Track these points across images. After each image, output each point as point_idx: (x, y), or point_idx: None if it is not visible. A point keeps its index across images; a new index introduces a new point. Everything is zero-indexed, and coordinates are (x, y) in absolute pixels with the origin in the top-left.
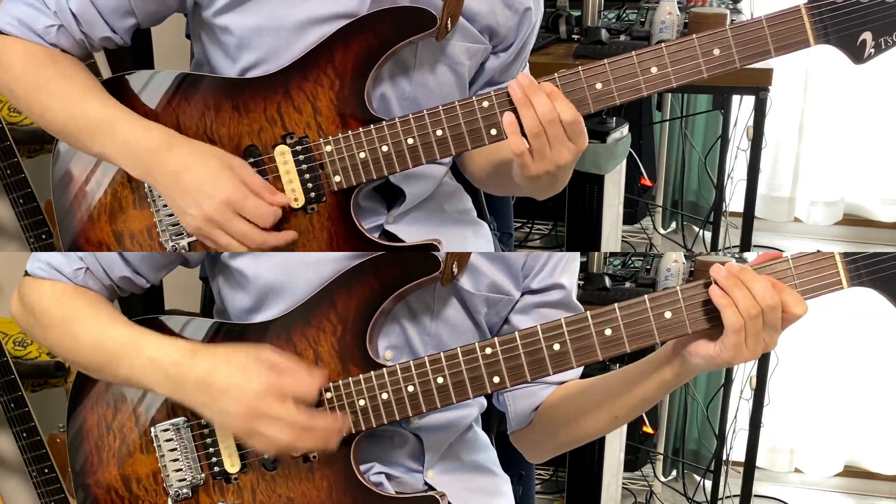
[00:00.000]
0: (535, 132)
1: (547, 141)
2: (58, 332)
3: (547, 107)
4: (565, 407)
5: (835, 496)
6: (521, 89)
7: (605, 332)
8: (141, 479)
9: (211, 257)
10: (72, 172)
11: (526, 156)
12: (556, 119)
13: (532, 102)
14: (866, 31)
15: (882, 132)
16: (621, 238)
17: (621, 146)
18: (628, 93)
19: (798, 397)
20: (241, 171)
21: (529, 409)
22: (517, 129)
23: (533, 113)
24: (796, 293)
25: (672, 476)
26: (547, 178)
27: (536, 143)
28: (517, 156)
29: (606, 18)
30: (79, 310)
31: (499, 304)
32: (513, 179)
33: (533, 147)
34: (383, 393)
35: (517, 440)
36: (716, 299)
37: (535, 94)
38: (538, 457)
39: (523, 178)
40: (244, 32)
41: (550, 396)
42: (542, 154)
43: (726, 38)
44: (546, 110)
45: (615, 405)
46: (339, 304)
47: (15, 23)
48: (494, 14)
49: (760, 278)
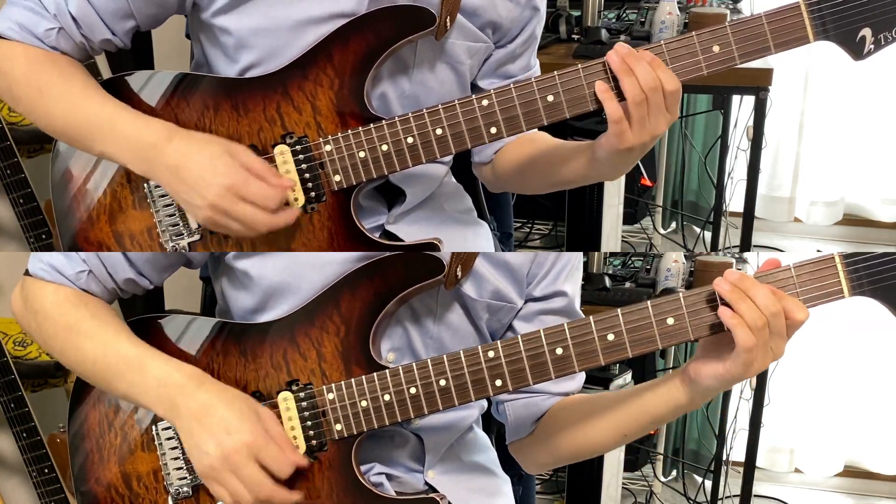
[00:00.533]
0: (638, 100)
1: (647, 110)
2: (60, 341)
3: (650, 74)
4: (571, 418)
5: (835, 496)
6: (621, 57)
7: (608, 337)
8: (142, 477)
9: (214, 258)
10: (71, 171)
11: (624, 123)
12: (659, 87)
13: (634, 70)
14: (866, 27)
15: (882, 132)
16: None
17: None
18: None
19: (798, 397)
20: (242, 155)
21: (531, 420)
22: (613, 97)
23: (635, 80)
24: (796, 299)
25: (672, 476)
26: (639, 150)
27: (638, 112)
28: (615, 123)
29: (606, 18)
30: (82, 321)
31: (500, 311)
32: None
33: (633, 116)
34: (385, 394)
35: (516, 450)
36: (726, 321)
37: (636, 62)
38: (537, 468)
39: (616, 150)
40: (243, 33)
41: (555, 407)
42: (641, 123)
43: (726, 34)
44: (649, 77)
45: (623, 421)
46: (342, 306)
47: (15, 27)
48: (495, 8)
49: (761, 287)
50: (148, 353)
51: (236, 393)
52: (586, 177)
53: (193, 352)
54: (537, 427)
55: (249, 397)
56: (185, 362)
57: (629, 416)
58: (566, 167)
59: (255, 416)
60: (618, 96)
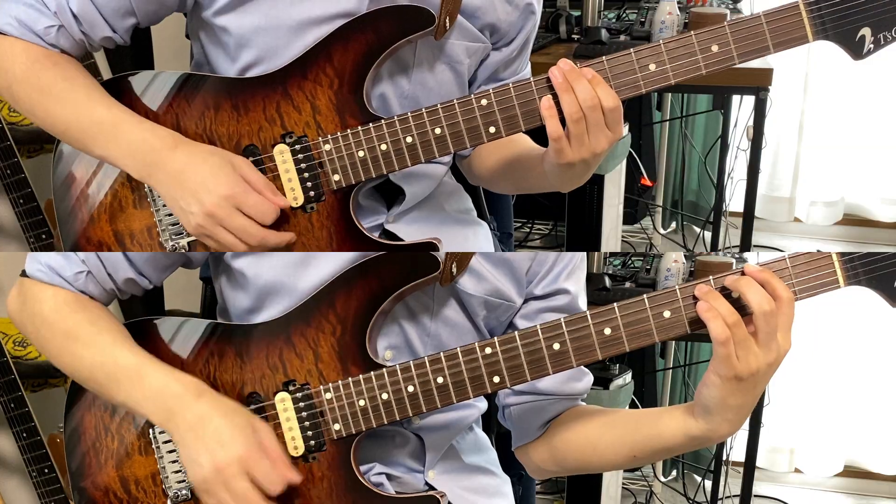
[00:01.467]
0: (575, 118)
1: (586, 127)
2: (57, 346)
3: (589, 93)
4: (581, 429)
5: (835, 496)
6: (562, 74)
7: (605, 332)
8: (140, 480)
9: (214, 257)
10: (74, 174)
11: (563, 141)
12: (598, 105)
13: (573, 88)
14: (865, 27)
15: (882, 132)
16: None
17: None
18: (627, 90)
19: (798, 397)
20: (243, 168)
21: (538, 423)
22: (555, 114)
23: (574, 98)
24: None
25: (672, 476)
26: (581, 167)
27: (576, 129)
28: (554, 141)
29: (606, 18)
30: (80, 326)
31: (498, 309)
32: (528, 174)
33: (571, 133)
34: (383, 393)
35: (522, 455)
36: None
37: (576, 79)
38: (541, 474)
39: (557, 165)
40: (243, 32)
41: (566, 415)
42: (580, 140)
43: (725, 34)
44: (588, 96)
45: (638, 444)
46: (338, 305)
47: (14, 23)
48: (494, 10)
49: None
50: (146, 361)
51: (234, 406)
52: (545, 185)
53: (188, 354)
54: (545, 432)
55: (247, 410)
56: (183, 371)
57: (642, 436)
58: (530, 174)
59: (251, 429)
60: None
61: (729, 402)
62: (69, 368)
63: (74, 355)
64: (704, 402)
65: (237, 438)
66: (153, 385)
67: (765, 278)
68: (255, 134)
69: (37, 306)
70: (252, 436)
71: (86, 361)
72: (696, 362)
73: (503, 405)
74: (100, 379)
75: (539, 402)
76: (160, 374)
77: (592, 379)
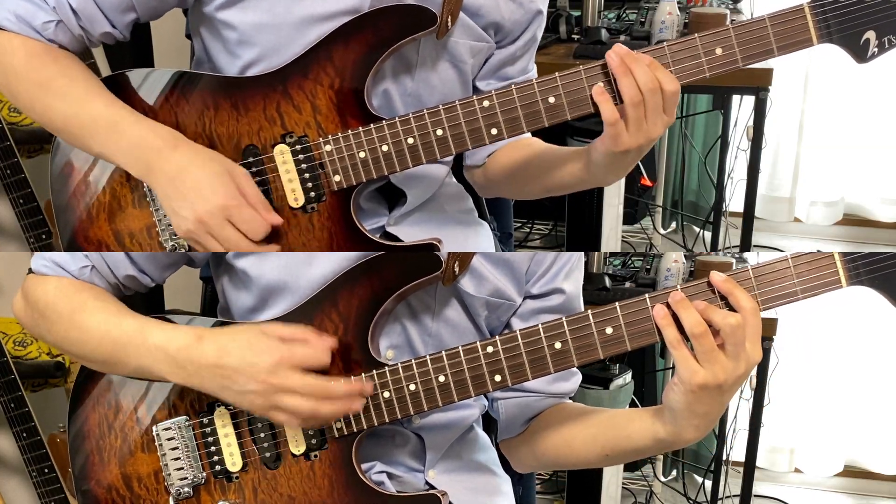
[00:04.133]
0: (636, 101)
1: (644, 111)
2: (64, 325)
3: (649, 75)
4: (558, 425)
5: (835, 496)
6: (619, 58)
7: (606, 331)
8: (142, 478)
9: (216, 257)
10: (73, 164)
11: (620, 125)
12: (658, 88)
13: (632, 71)
14: (870, 30)
15: (882, 132)
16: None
17: None
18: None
19: (798, 397)
20: (241, 180)
21: (522, 420)
22: (609, 98)
23: (633, 81)
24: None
25: (672, 476)
26: (634, 153)
27: (635, 113)
28: (611, 125)
29: (606, 18)
30: (86, 302)
31: (499, 308)
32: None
33: (630, 117)
34: (385, 391)
35: (506, 448)
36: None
37: (634, 62)
38: (523, 468)
39: (611, 154)
40: (245, 28)
41: (547, 412)
42: (638, 125)
43: (729, 37)
44: (648, 78)
45: (609, 443)
46: (340, 304)
47: (12, 18)
48: (498, 8)
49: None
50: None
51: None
52: (582, 181)
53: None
54: (527, 428)
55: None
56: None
57: (612, 436)
58: (562, 171)
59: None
60: (614, 98)
61: (695, 408)
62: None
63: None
64: (671, 406)
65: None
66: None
67: (728, 290)
68: (255, 134)
69: (39, 292)
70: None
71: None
72: None
73: (491, 398)
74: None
75: (525, 399)
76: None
77: (580, 379)
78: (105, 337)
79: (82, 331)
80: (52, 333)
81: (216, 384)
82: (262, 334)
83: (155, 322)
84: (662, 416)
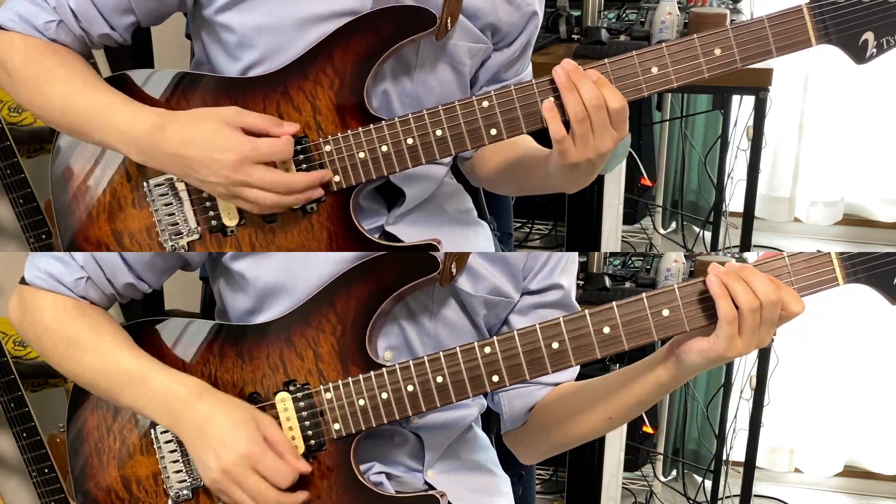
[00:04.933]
0: (580, 117)
1: (591, 127)
2: (60, 354)
3: (594, 92)
4: (560, 407)
5: (835, 496)
6: (566, 74)
7: (604, 331)
8: (141, 480)
9: (212, 259)
10: (72, 168)
11: (567, 142)
12: (603, 105)
13: (578, 87)
14: (868, 31)
15: (882, 132)
16: (621, 238)
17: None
18: (629, 92)
19: (798, 397)
20: (266, 427)
21: (524, 410)
22: (558, 115)
23: (578, 98)
24: (794, 291)
25: (672, 476)
26: (585, 167)
27: (580, 129)
28: (557, 142)
29: (606, 18)
30: (81, 333)
31: (498, 305)
32: (532, 175)
33: (576, 133)
34: (383, 392)
35: (510, 440)
36: (712, 289)
37: (580, 79)
38: (531, 457)
39: (561, 166)
40: (245, 30)
41: (546, 397)
42: (584, 140)
43: (728, 37)
44: (592, 95)
45: (610, 406)
46: (338, 305)
47: (15, 18)
48: (496, 11)
49: (761, 275)
50: (148, 364)
51: (235, 402)
52: (548, 187)
53: (191, 356)
54: (529, 417)
55: (248, 405)
56: (184, 372)
57: (616, 400)
58: (533, 175)
59: (254, 423)
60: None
61: None
62: (72, 374)
63: (77, 361)
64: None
65: (240, 436)
66: (157, 388)
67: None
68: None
69: (37, 314)
70: (255, 431)
71: (88, 367)
72: None
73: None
74: (102, 384)
75: (526, 389)
76: (163, 376)
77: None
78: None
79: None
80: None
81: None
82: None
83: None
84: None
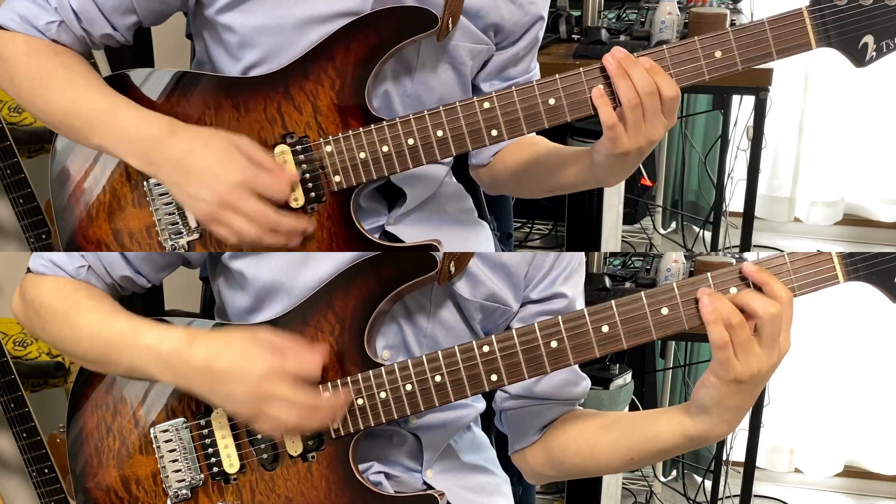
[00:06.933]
0: (633, 104)
1: (643, 114)
2: (58, 323)
3: (646, 79)
4: (578, 432)
5: (835, 496)
6: (617, 61)
7: (602, 329)
8: (140, 480)
9: (212, 258)
10: (69, 169)
11: (619, 129)
12: (656, 91)
13: (630, 74)
14: (868, 35)
15: (882, 132)
16: (621, 238)
17: None
18: None
19: (798, 397)
20: (248, 148)
21: (535, 429)
22: (608, 102)
23: (630, 84)
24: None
25: (672, 476)
26: (635, 155)
27: (633, 116)
28: (609, 129)
29: (606, 18)
30: (80, 302)
31: (494, 313)
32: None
33: (628, 120)
34: (381, 392)
35: (519, 460)
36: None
37: (632, 66)
38: (539, 479)
39: (611, 155)
40: (247, 31)
41: (563, 419)
42: (636, 128)
43: (728, 40)
44: (645, 82)
45: (634, 446)
46: (336, 305)
47: (17, 18)
48: (498, 10)
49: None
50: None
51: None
52: (585, 182)
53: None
54: (542, 436)
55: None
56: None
57: (637, 439)
58: (565, 171)
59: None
60: (613, 101)
61: (727, 403)
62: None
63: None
64: (702, 402)
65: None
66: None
67: (763, 279)
68: (256, 134)
69: (35, 291)
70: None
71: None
72: (696, 362)
73: (500, 409)
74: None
75: (536, 407)
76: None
77: (590, 383)
78: (97, 336)
79: (75, 330)
80: (47, 332)
81: (205, 387)
82: (254, 341)
83: (148, 322)
84: (691, 413)
